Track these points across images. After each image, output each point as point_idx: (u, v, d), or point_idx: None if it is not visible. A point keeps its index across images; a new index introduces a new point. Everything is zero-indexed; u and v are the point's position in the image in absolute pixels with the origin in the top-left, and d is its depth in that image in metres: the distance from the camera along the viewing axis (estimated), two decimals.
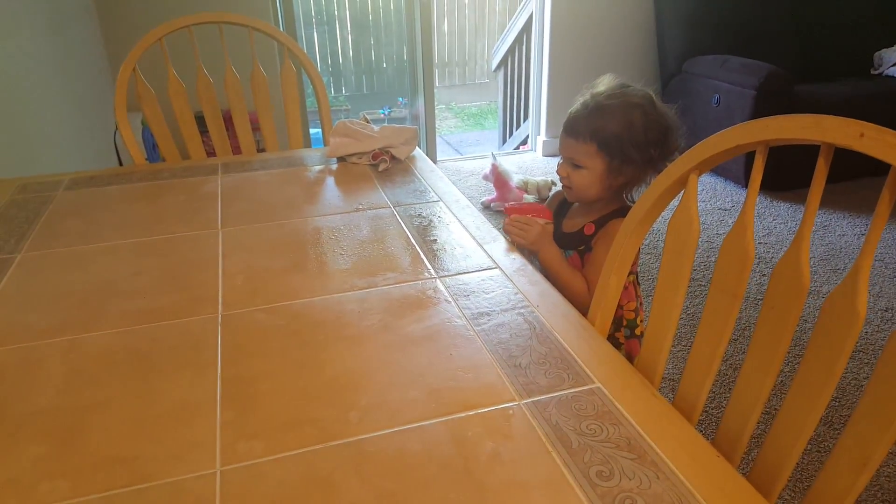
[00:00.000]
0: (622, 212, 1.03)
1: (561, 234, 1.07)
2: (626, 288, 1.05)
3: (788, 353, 1.60)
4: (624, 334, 1.04)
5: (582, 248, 1.05)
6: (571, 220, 1.10)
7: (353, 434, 0.58)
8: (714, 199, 2.82)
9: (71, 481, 0.53)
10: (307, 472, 0.53)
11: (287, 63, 1.52)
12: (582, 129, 0.99)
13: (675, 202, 0.72)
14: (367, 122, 1.39)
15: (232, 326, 0.75)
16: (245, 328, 0.75)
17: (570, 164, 1.02)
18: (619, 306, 1.06)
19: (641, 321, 1.06)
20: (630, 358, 0.99)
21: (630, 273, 1.05)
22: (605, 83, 1.02)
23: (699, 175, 0.67)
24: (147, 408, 0.62)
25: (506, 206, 1.04)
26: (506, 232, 1.02)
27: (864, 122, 0.52)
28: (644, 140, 0.97)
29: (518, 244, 1.00)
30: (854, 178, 2.68)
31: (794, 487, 1.32)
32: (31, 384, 0.66)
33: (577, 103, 1.02)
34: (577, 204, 1.11)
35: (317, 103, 1.57)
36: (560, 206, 1.13)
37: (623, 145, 0.97)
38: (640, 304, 1.06)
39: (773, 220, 2.59)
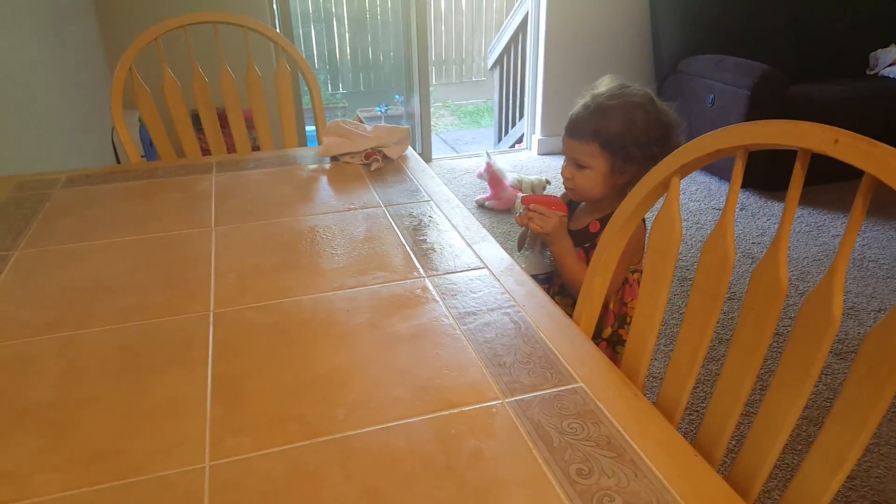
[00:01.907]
0: None
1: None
2: (630, 285, 1.07)
3: (773, 354, 1.62)
4: (627, 331, 1.06)
5: (587, 245, 1.06)
6: (576, 218, 1.11)
7: (340, 430, 0.59)
8: (709, 198, 2.83)
9: (63, 474, 0.55)
10: (293, 468, 0.55)
11: (282, 64, 1.53)
12: (584, 130, 1.00)
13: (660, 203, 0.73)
14: (361, 121, 1.40)
15: (223, 324, 0.76)
16: (235, 326, 0.76)
17: (573, 165, 1.04)
18: (624, 303, 1.07)
19: None
20: None
21: (635, 271, 1.07)
22: (604, 84, 1.03)
23: (681, 178, 0.69)
24: (138, 403, 0.63)
25: (522, 197, 1.05)
26: (521, 222, 1.04)
27: (840, 129, 0.53)
28: (646, 138, 0.98)
29: (537, 232, 1.02)
30: (846, 179, 2.70)
31: (783, 487, 1.33)
32: (27, 379, 0.67)
33: (578, 105, 1.03)
34: (582, 203, 1.12)
35: (311, 104, 1.57)
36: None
37: (625, 144, 0.98)
38: None
39: (768, 219, 2.61)
